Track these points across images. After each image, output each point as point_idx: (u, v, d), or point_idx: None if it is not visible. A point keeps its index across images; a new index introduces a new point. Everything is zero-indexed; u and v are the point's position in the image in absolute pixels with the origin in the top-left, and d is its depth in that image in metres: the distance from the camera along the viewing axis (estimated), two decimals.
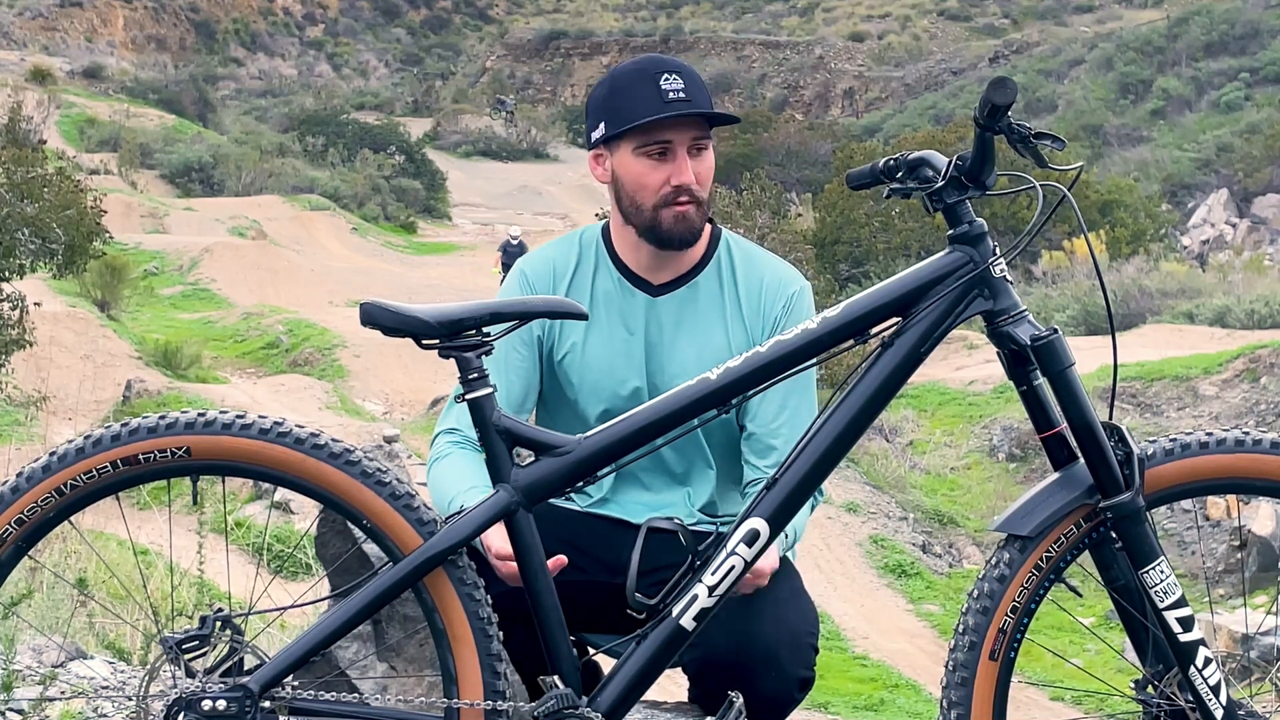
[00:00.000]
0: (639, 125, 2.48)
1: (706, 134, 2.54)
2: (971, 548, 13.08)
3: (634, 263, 2.62)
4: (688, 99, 2.48)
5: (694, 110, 2.48)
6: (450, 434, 2.57)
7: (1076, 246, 21.16)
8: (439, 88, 56.55)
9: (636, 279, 2.62)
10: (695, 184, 2.52)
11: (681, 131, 2.50)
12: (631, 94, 2.50)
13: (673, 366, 2.58)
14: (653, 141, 2.50)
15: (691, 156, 2.52)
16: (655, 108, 2.47)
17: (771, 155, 33.84)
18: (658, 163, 2.52)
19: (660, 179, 2.52)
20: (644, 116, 2.48)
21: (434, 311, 2.12)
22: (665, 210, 2.53)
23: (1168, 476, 2.18)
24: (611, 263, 2.64)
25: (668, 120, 2.48)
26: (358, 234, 30.15)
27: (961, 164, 2.16)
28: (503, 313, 2.16)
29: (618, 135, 2.52)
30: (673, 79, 2.48)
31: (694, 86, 2.51)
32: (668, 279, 2.62)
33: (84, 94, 41.50)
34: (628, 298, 2.62)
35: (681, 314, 2.61)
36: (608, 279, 2.63)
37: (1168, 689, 2.18)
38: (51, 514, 2.09)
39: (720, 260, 2.64)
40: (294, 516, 10.28)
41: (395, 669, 2.48)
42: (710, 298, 2.62)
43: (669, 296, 2.61)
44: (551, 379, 2.64)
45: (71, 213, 14.29)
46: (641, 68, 2.52)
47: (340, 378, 17.68)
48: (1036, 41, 47.15)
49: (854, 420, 2.17)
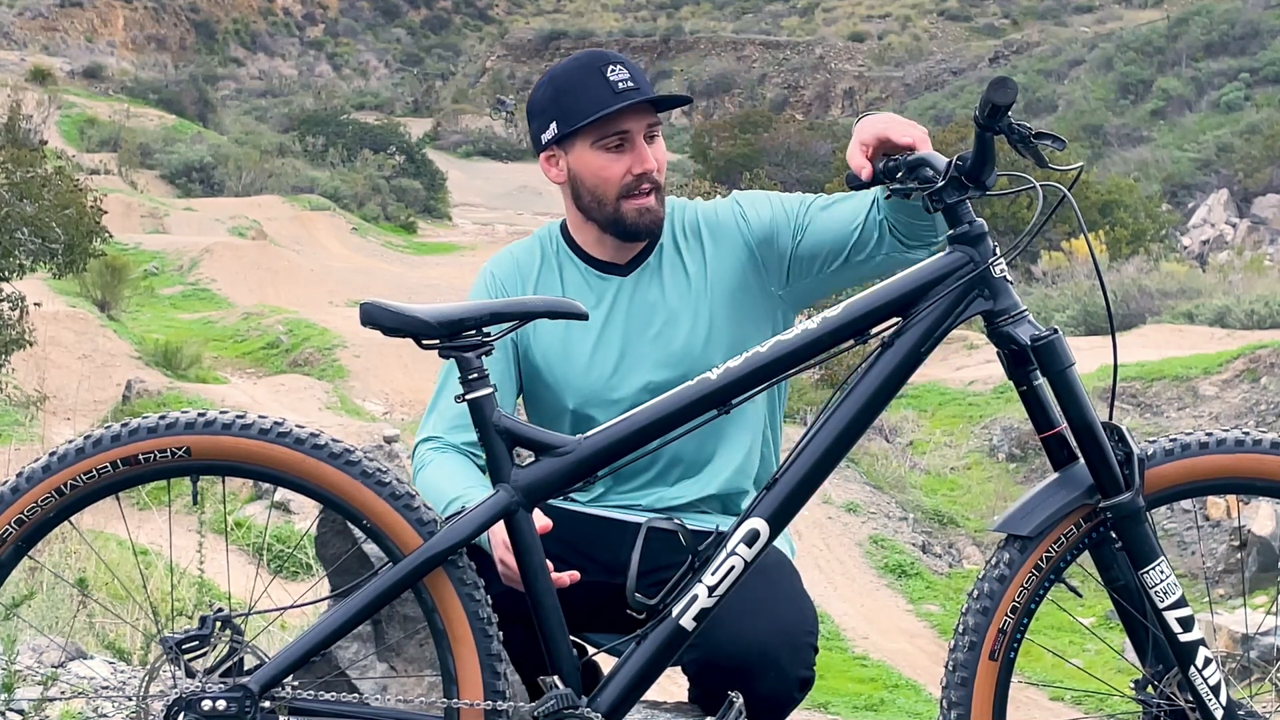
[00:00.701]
0: (598, 119, 2.50)
1: (658, 120, 2.57)
2: (971, 548, 13.08)
3: (599, 253, 2.64)
4: (637, 87, 2.51)
5: (646, 97, 2.51)
6: (430, 442, 2.58)
7: (1076, 247, 21.15)
8: (439, 88, 56.50)
9: (605, 265, 2.64)
10: (656, 170, 2.55)
11: (637, 120, 2.53)
12: (580, 91, 2.52)
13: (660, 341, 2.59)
14: (612, 133, 2.53)
15: (648, 144, 2.55)
16: (610, 99, 2.50)
17: (771, 155, 33.80)
18: (617, 154, 2.54)
19: (622, 169, 2.54)
20: (600, 109, 2.50)
21: (434, 312, 2.13)
22: (627, 202, 2.55)
23: (1168, 476, 2.18)
24: (576, 256, 2.66)
25: (623, 110, 2.50)
26: (358, 234, 30.12)
27: (962, 164, 2.16)
28: (502, 313, 2.16)
29: (573, 132, 2.54)
30: (618, 69, 2.52)
31: (638, 75, 2.54)
32: (632, 256, 2.64)
33: (84, 94, 41.47)
34: (600, 284, 2.63)
35: (654, 284, 2.62)
36: (575, 272, 2.65)
37: (1167, 689, 2.18)
38: (51, 514, 2.10)
39: (672, 221, 2.66)
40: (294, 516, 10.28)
41: (395, 669, 2.48)
42: (673, 261, 2.64)
43: (641, 271, 2.63)
44: (533, 375, 2.64)
45: (71, 212, 14.27)
46: (584, 64, 2.55)
47: (340, 378, 17.66)
48: (1036, 41, 47.13)
49: (854, 420, 2.18)
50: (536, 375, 2.63)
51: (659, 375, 2.56)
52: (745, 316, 2.60)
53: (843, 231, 2.55)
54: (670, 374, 2.54)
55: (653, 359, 2.58)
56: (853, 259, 2.55)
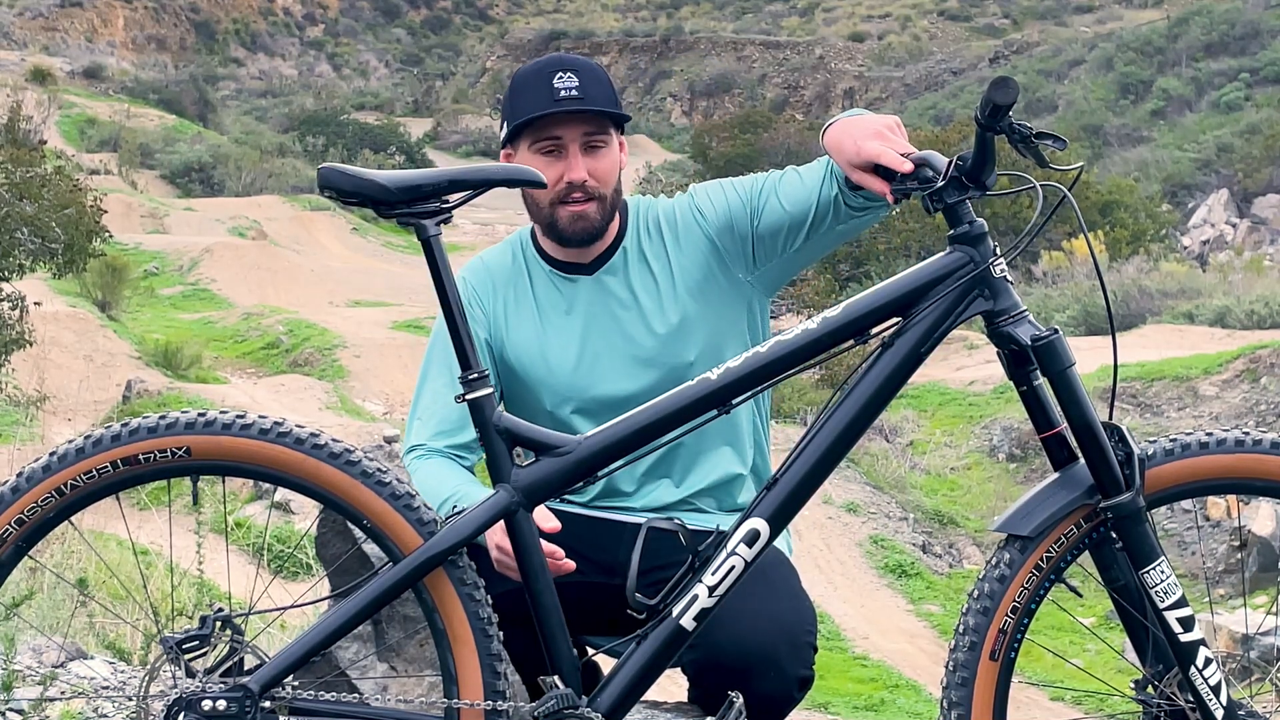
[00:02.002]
0: (529, 123, 2.52)
1: (603, 131, 2.56)
2: (971, 548, 13.08)
3: (561, 255, 2.65)
4: (580, 97, 2.51)
5: (581, 108, 2.50)
6: (415, 451, 2.59)
7: (1076, 247, 21.15)
8: (439, 88, 56.52)
9: (569, 266, 2.64)
10: (591, 180, 2.54)
11: (572, 128, 2.53)
12: (525, 93, 2.54)
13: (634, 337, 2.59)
14: (544, 137, 2.54)
15: (587, 154, 2.54)
16: (543, 105, 2.51)
17: (771, 155, 33.77)
18: (551, 160, 2.54)
19: (554, 175, 2.54)
20: (532, 114, 2.51)
21: (392, 177, 2.11)
22: (561, 208, 2.56)
23: (1168, 477, 2.18)
24: (540, 259, 2.67)
25: (559, 117, 2.51)
26: (358, 234, 30.13)
27: (962, 164, 2.16)
28: (461, 180, 2.15)
29: (516, 134, 2.56)
30: (566, 77, 2.51)
31: (591, 84, 2.53)
32: (595, 256, 2.64)
33: (84, 94, 41.49)
34: (568, 286, 2.64)
35: (622, 282, 2.63)
36: (542, 275, 2.66)
37: (1168, 689, 2.18)
38: (51, 514, 2.09)
39: (636, 220, 2.67)
40: (294, 516, 10.28)
41: (395, 669, 2.48)
42: (637, 259, 2.64)
43: (605, 269, 2.63)
44: (511, 379, 2.64)
45: (71, 212, 14.27)
46: (539, 68, 2.56)
47: (340, 378, 17.66)
48: (1036, 41, 47.14)
49: (854, 420, 2.17)
50: (514, 376, 2.64)
51: (634, 371, 2.57)
52: (716, 308, 2.60)
53: (801, 205, 2.54)
54: (645, 370, 2.56)
55: (626, 355, 2.59)
56: (815, 231, 2.54)
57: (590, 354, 2.60)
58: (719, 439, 2.62)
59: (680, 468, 2.63)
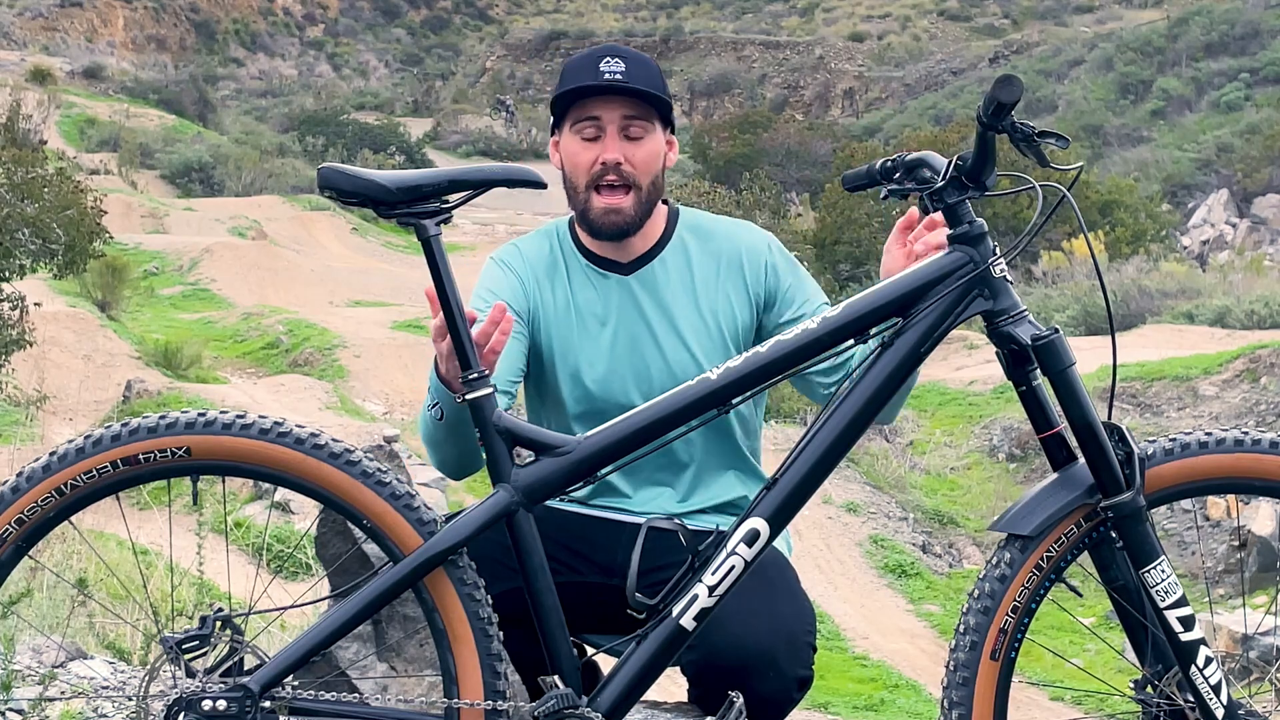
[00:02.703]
0: (572, 104, 2.53)
1: (645, 118, 2.55)
2: (971, 548, 13.07)
3: (598, 250, 2.65)
4: (625, 81, 2.51)
5: (621, 84, 2.50)
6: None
7: (1076, 247, 21.14)
8: (439, 88, 56.48)
9: (605, 262, 2.64)
10: (626, 165, 2.54)
11: (611, 109, 2.53)
12: (572, 77, 2.55)
13: (657, 343, 2.59)
14: (584, 117, 2.54)
15: (625, 140, 2.54)
16: (586, 83, 2.52)
17: (771, 155, 33.81)
18: (589, 143, 2.55)
19: (591, 158, 2.54)
20: (570, 86, 2.52)
21: (392, 177, 2.11)
22: (595, 196, 2.56)
23: (1168, 476, 2.18)
24: (578, 251, 2.66)
25: (599, 99, 2.51)
26: (358, 234, 30.11)
27: (962, 164, 2.16)
28: (461, 180, 2.16)
29: (561, 118, 2.57)
30: (614, 62, 2.52)
31: (637, 70, 2.53)
32: (635, 255, 2.64)
33: (84, 94, 41.47)
34: (601, 281, 2.63)
35: (656, 287, 2.62)
36: (579, 268, 2.66)
37: (1167, 689, 2.18)
38: (51, 514, 2.09)
39: (683, 236, 2.66)
40: (294, 516, 10.27)
41: (395, 669, 2.48)
42: (679, 272, 2.64)
43: (642, 272, 2.63)
44: (538, 364, 2.65)
45: (72, 213, 14.28)
46: (589, 53, 2.57)
47: (340, 378, 17.65)
48: (1036, 41, 47.12)
49: (854, 420, 2.18)
50: (539, 360, 2.64)
51: (640, 388, 2.58)
52: (722, 346, 2.61)
53: None
54: (645, 390, 2.55)
55: (634, 370, 2.60)
56: None
57: (618, 371, 2.60)
58: (724, 463, 2.63)
59: (685, 489, 2.64)
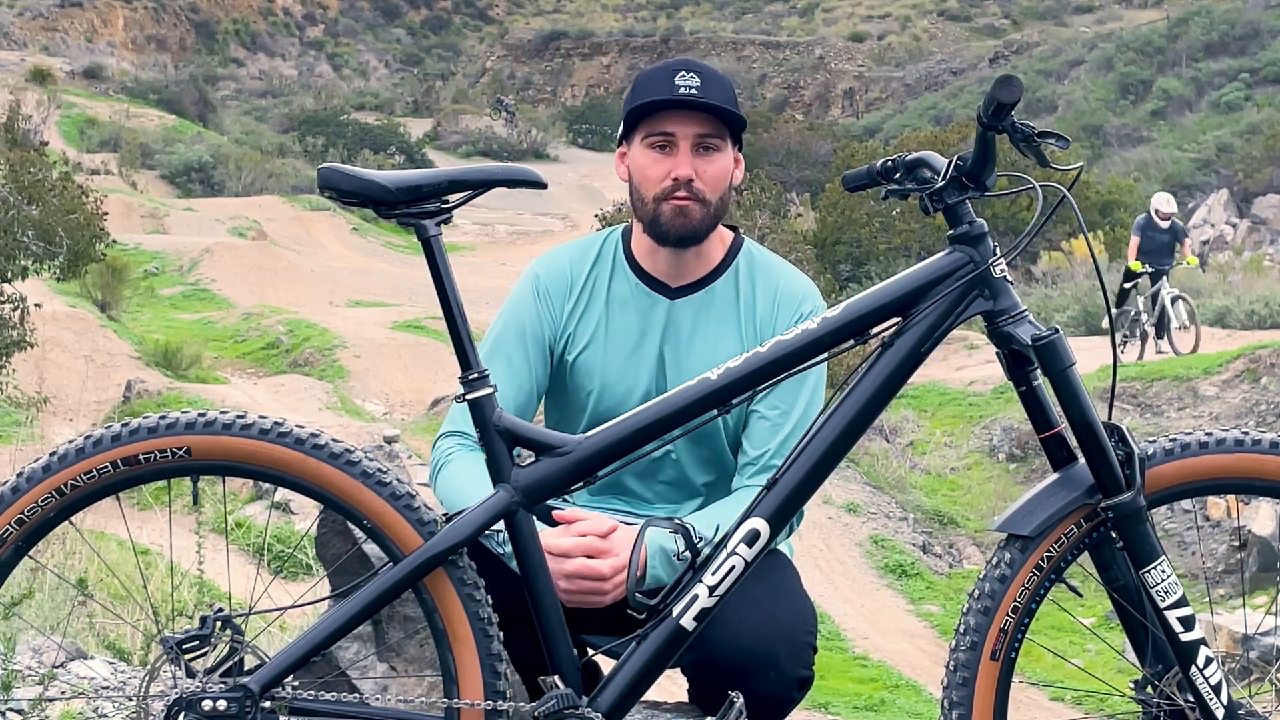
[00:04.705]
0: (645, 116, 2.51)
1: (717, 135, 2.53)
2: (971, 548, 13.07)
3: (651, 267, 2.63)
4: (701, 96, 2.49)
5: (698, 100, 2.48)
6: (451, 437, 2.56)
7: (1076, 247, 21.15)
8: (439, 88, 56.48)
9: (654, 282, 2.62)
10: (697, 181, 2.52)
11: (686, 125, 2.51)
12: (646, 89, 2.53)
13: (686, 372, 2.56)
14: (656, 132, 2.52)
15: (697, 155, 2.53)
16: (661, 96, 2.50)
17: (771, 155, 33.83)
18: (661, 156, 2.53)
19: (662, 172, 2.53)
20: (645, 99, 2.51)
21: (392, 177, 2.11)
22: (665, 203, 2.54)
23: (1168, 476, 2.18)
24: (629, 266, 2.64)
25: (674, 114, 2.50)
26: (358, 234, 30.12)
27: (962, 164, 2.16)
28: (461, 180, 2.15)
29: (632, 129, 2.55)
30: (689, 76, 2.50)
31: (713, 85, 2.51)
32: (685, 282, 2.62)
33: (84, 94, 41.47)
34: (644, 300, 2.62)
35: (698, 318, 2.61)
36: (624, 283, 2.63)
37: (1167, 689, 2.18)
38: (52, 514, 2.09)
39: (739, 267, 2.64)
40: (294, 516, 10.27)
41: (395, 669, 2.48)
42: (726, 304, 2.62)
43: (686, 300, 2.61)
44: (561, 379, 2.64)
45: (76, 216, 14.29)
46: (664, 66, 2.55)
47: (340, 378, 17.65)
48: (1036, 41, 47.15)
49: (854, 420, 2.17)
50: (563, 379, 2.63)
51: None
52: None
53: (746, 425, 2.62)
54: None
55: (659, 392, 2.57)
56: None
57: (642, 391, 2.59)
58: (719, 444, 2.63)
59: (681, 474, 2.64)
